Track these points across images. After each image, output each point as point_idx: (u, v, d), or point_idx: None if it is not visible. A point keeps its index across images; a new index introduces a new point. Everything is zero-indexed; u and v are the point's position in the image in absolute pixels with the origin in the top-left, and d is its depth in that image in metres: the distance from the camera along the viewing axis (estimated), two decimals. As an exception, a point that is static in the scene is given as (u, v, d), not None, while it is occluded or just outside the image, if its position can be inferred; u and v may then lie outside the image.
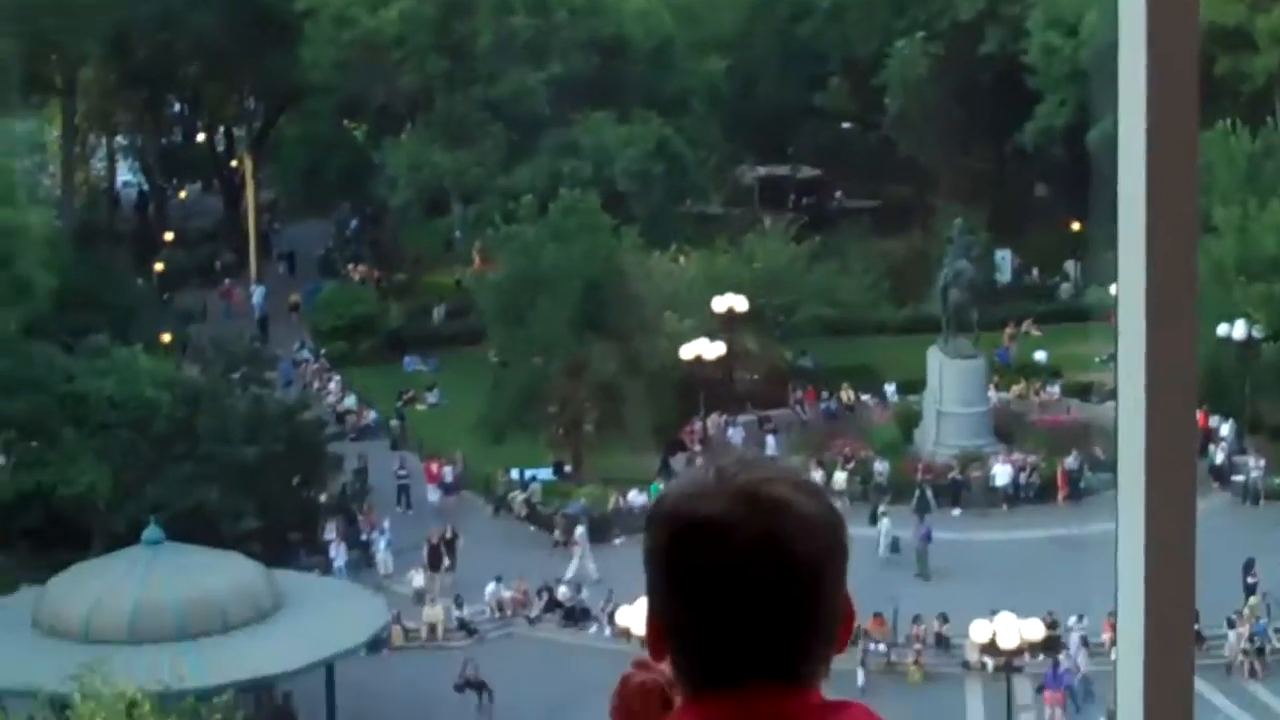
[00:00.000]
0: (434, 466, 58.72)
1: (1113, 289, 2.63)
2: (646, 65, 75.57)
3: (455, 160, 72.28)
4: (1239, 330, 55.93)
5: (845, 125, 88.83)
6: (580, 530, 52.55)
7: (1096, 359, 59.58)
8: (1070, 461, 55.80)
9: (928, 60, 76.75)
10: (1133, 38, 2.48)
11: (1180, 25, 2.48)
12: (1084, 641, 45.36)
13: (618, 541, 51.17)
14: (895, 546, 51.57)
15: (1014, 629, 42.20)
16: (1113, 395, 2.79)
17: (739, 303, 60.93)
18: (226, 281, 79.87)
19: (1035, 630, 43.36)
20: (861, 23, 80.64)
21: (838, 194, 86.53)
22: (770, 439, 59.36)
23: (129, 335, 60.26)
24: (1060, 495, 55.48)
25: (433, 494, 58.02)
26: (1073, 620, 45.72)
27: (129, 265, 76.82)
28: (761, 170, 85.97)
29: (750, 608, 2.32)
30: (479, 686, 45.16)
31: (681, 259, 65.74)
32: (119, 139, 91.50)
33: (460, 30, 73.92)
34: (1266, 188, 61.25)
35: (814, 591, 2.34)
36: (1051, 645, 44.85)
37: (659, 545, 2.37)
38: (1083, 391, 62.01)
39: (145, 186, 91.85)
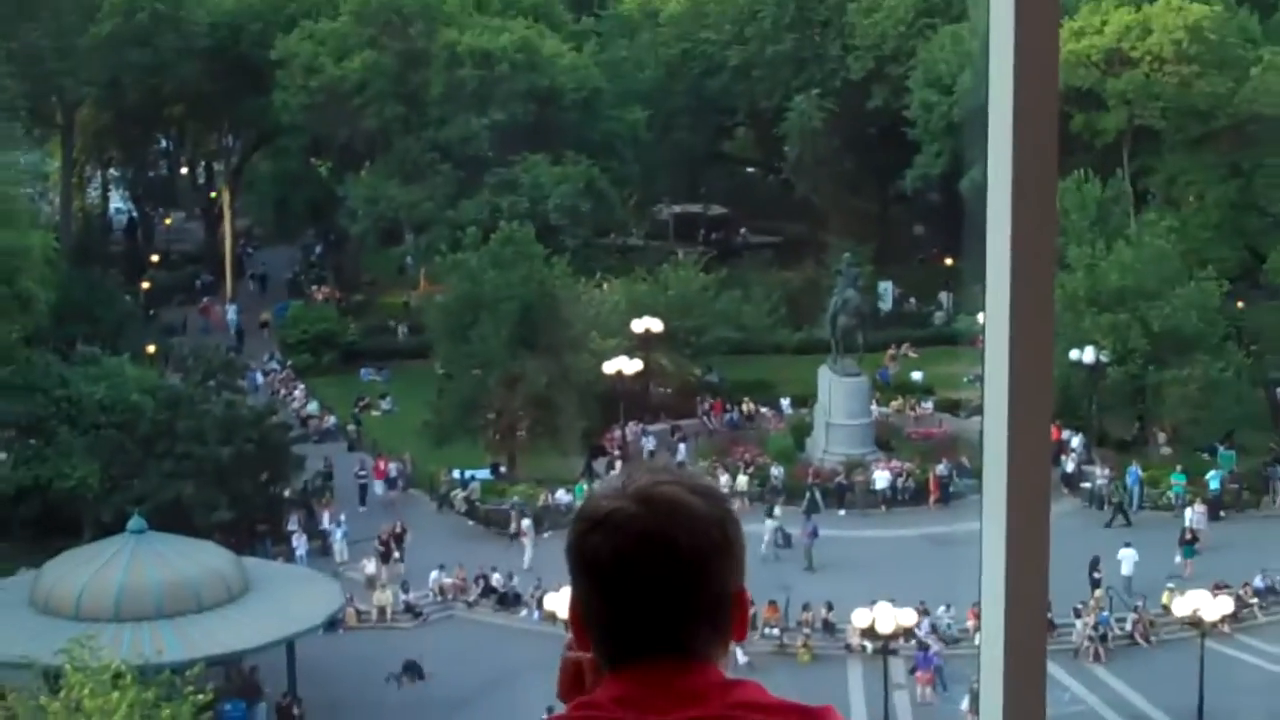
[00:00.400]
0: (382, 465, 58.68)
1: (980, 317, 2.69)
2: (577, 113, 75.60)
3: (408, 194, 72.17)
4: (1089, 355, 56.15)
5: (750, 169, 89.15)
6: (527, 522, 52.39)
7: (965, 379, 60.09)
8: (941, 469, 56.11)
9: (822, 114, 77.14)
10: (1000, 97, 2.51)
11: (1041, 87, 2.51)
12: (946, 627, 46.04)
13: (546, 535, 50.84)
14: (787, 542, 51.59)
15: (891, 616, 42.45)
16: (978, 411, 2.87)
17: (655, 325, 60.91)
18: (205, 300, 79.39)
19: (909, 617, 43.80)
20: (765, 79, 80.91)
21: (742, 230, 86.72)
22: (681, 445, 59.52)
23: (118, 346, 60.02)
24: (932, 498, 55.77)
25: (381, 490, 57.98)
26: (941, 609, 46.24)
27: (119, 284, 76.19)
28: (676, 208, 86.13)
29: (641, 594, 2.38)
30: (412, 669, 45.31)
31: (605, 285, 65.73)
32: (112, 171, 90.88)
33: (415, 80, 73.84)
34: (1114, 230, 62.07)
35: (699, 580, 2.39)
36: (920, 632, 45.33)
37: (571, 540, 2.44)
38: (953, 407, 62.32)
39: (135, 214, 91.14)
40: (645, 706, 2.38)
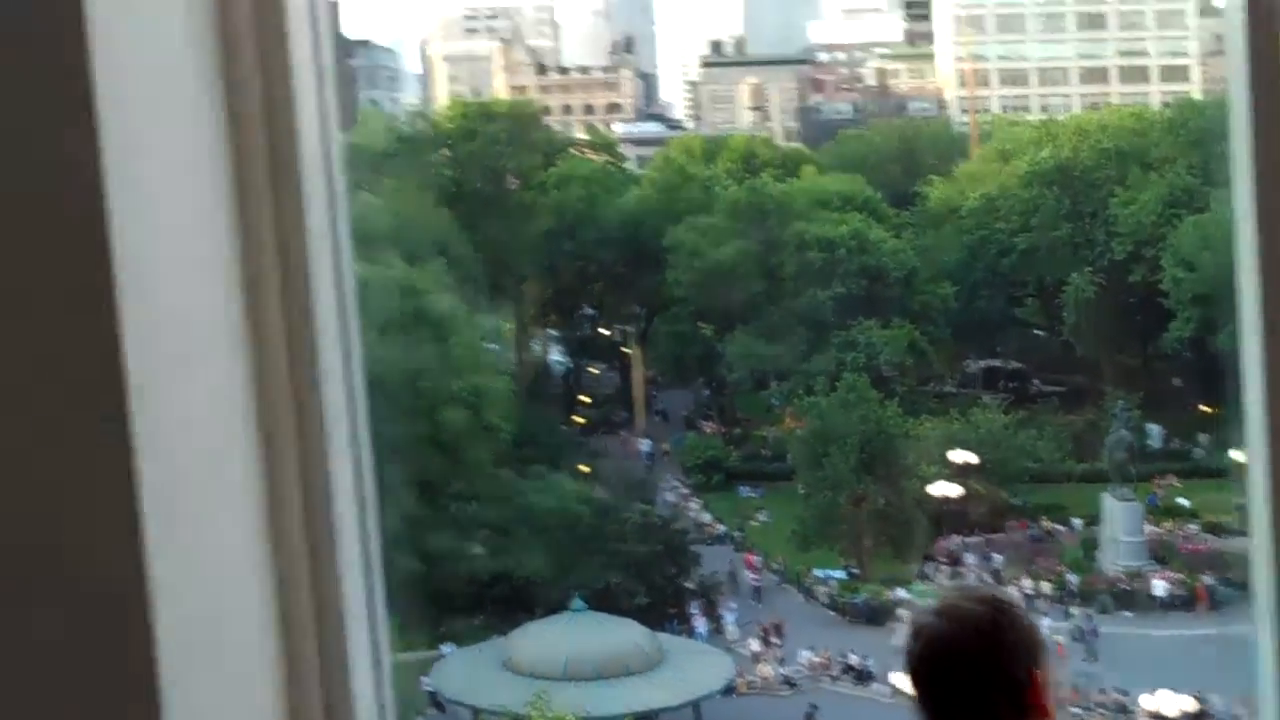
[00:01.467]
0: (754, 561, 58.32)
1: (1238, 454, 2.41)
2: (899, 288, 74.90)
3: (772, 351, 72.21)
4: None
5: (1038, 331, 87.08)
6: (903, 611, 50.72)
7: (1232, 506, 56.70)
8: (1207, 579, 53.41)
9: (1093, 287, 75.23)
10: (1248, 268, 2.32)
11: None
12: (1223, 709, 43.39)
13: (890, 625, 50.09)
14: (1081, 637, 49.42)
15: (1173, 701, 40.45)
16: (1238, 532, 2.62)
17: (970, 456, 59.80)
18: (622, 434, 79.25)
19: (1189, 703, 41.56)
20: (1047, 260, 79.08)
21: (1035, 381, 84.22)
22: (994, 556, 57.98)
23: (559, 466, 60.90)
24: (1201, 605, 52.96)
25: (757, 582, 57.52)
26: (1214, 697, 43.64)
27: (559, 418, 77.37)
28: (981, 363, 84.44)
29: (947, 689, 2.47)
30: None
31: (927, 424, 64.63)
32: (551, 331, 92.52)
33: (773, 261, 74.21)
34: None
35: (991, 672, 2.45)
36: (1200, 717, 42.82)
37: (902, 648, 2.61)
38: (1214, 529, 59.01)
39: (569, 364, 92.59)
40: None
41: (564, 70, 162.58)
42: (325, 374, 2.26)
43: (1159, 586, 54.08)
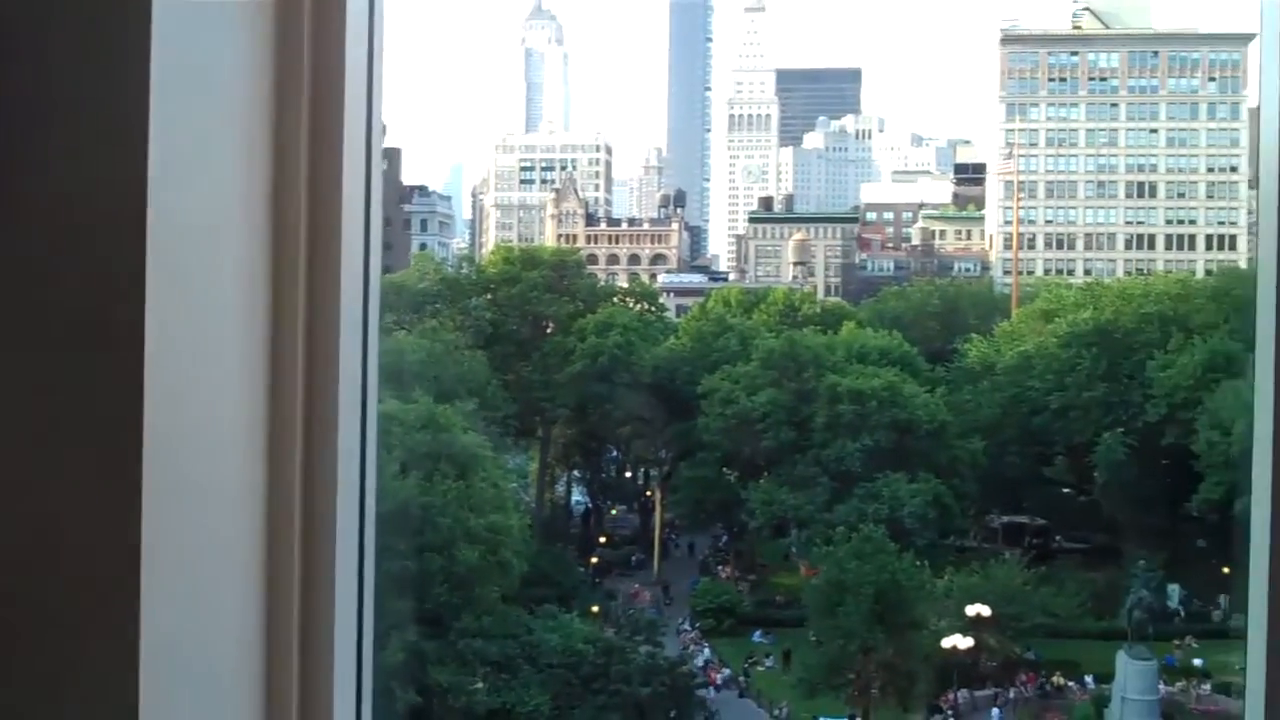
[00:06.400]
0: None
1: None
2: (929, 441, 74.70)
3: (795, 499, 72.08)
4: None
5: (1065, 490, 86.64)
6: None
7: (1236, 666, 56.42)
8: (1218, 740, 52.69)
9: (1125, 448, 74.78)
10: (1263, 437, 2.37)
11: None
12: None
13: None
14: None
15: None
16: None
17: (984, 610, 59.21)
18: (636, 586, 77.57)
19: None
20: (1079, 419, 78.89)
21: (1058, 537, 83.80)
22: (996, 710, 57.27)
23: (571, 605, 60.77)
24: (1210, 765, 52.29)
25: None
26: None
27: (575, 558, 77.18)
28: (1005, 518, 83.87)
29: None
30: None
31: (945, 577, 64.24)
32: (575, 472, 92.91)
33: (805, 411, 74.40)
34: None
35: None
36: None
37: None
38: (1225, 689, 58.33)
39: (589, 505, 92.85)
40: None
41: (614, 221, 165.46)
42: (339, 522, 2.30)
43: (1168, 747, 53.15)
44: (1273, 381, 2.37)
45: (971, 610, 59.00)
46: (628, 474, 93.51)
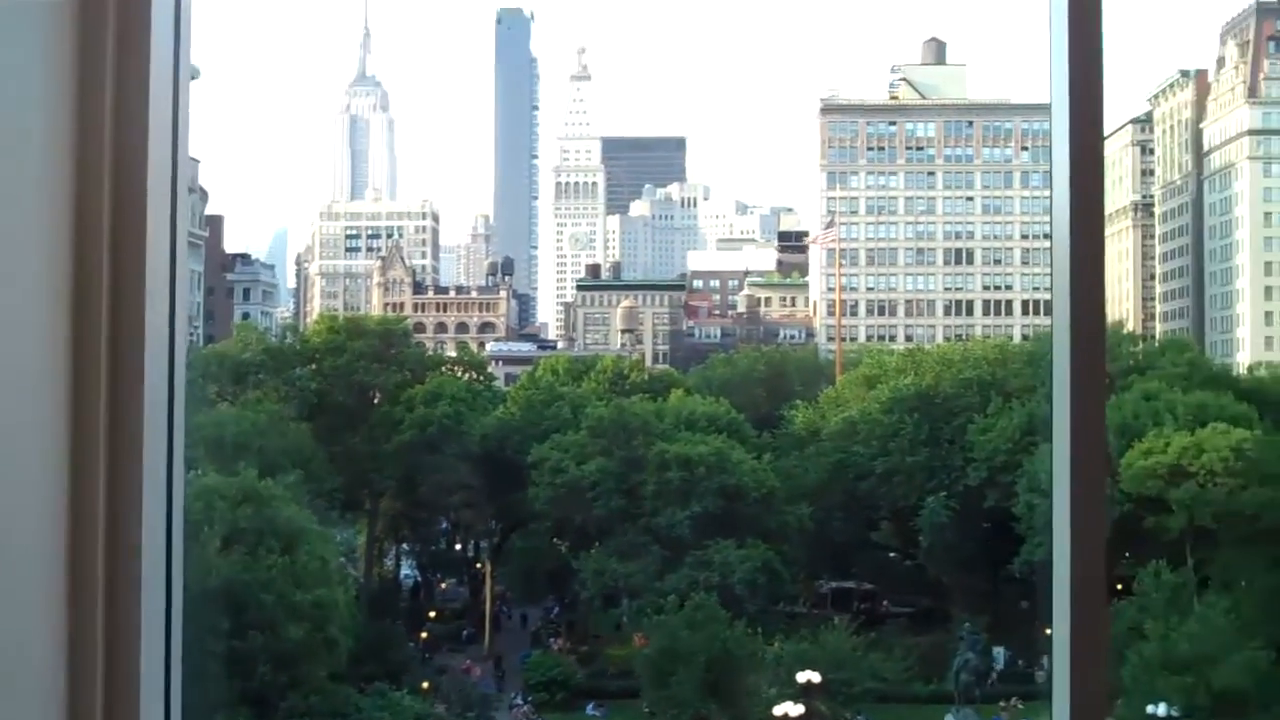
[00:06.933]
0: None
1: None
2: (757, 508, 75.34)
3: (626, 569, 72.15)
4: (1162, 709, 53.94)
5: (891, 554, 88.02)
6: None
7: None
8: (1043, 801, 53.74)
9: (948, 511, 76.15)
10: (1061, 500, 2.49)
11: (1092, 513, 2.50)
12: None
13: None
14: None
15: None
16: None
17: (815, 676, 59.67)
18: (467, 661, 75.92)
19: None
20: (903, 484, 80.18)
21: (885, 602, 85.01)
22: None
23: (401, 682, 60.06)
24: (1035, 826, 53.32)
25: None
26: None
27: (404, 633, 75.82)
28: (833, 584, 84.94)
29: None
30: None
31: (776, 644, 64.64)
32: (403, 545, 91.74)
33: (634, 479, 74.68)
34: (1183, 608, 59.91)
35: None
36: None
37: None
38: (1051, 750, 59.61)
39: (419, 578, 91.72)
40: None
41: (441, 289, 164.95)
42: (144, 591, 2.27)
43: (993, 808, 54.02)
44: (1068, 432, 2.60)
45: (802, 677, 59.43)
46: (458, 546, 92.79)
